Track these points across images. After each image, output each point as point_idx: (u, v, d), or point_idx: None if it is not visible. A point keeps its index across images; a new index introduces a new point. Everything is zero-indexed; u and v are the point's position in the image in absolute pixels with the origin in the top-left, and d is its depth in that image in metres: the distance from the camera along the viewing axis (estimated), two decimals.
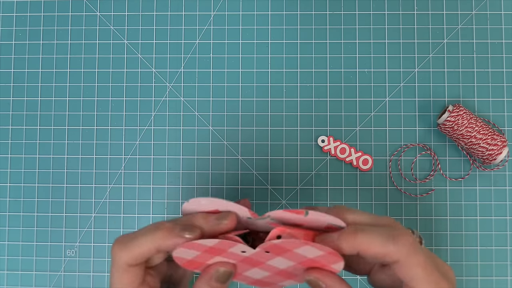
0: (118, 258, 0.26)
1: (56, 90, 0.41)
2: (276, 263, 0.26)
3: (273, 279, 0.28)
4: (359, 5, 0.41)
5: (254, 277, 0.28)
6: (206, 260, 0.26)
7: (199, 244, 0.24)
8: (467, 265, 0.39)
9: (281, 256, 0.25)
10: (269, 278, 0.28)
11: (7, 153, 0.41)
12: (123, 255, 0.26)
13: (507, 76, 0.40)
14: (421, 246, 0.26)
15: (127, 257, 0.25)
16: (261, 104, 0.41)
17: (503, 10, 0.41)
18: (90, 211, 0.40)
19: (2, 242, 0.40)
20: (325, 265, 0.25)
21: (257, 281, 0.28)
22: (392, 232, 0.25)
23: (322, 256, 0.25)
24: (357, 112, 0.40)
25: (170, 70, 0.41)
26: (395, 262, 0.24)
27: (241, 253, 0.25)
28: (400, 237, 0.24)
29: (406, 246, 0.24)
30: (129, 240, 0.26)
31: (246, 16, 0.41)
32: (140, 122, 0.41)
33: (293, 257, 0.25)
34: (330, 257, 0.25)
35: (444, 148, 0.40)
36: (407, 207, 0.40)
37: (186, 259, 0.26)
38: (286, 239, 0.24)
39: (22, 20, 0.42)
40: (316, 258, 0.25)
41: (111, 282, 0.27)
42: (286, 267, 0.26)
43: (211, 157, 0.40)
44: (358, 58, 0.41)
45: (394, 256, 0.24)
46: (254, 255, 0.25)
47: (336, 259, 0.25)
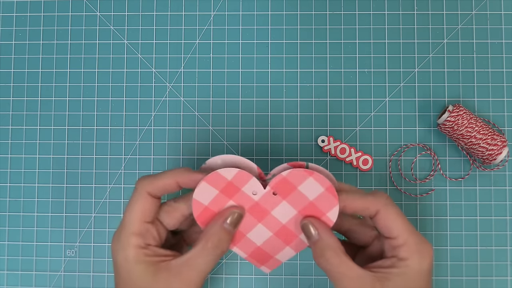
0: (141, 187, 0.28)
1: (56, 90, 0.41)
2: (280, 213, 0.29)
3: (271, 246, 0.31)
4: (359, 5, 0.41)
5: (255, 241, 0.30)
6: (221, 205, 0.29)
7: (220, 176, 0.28)
8: (467, 265, 0.39)
9: (286, 200, 0.29)
10: (268, 244, 0.30)
11: (7, 153, 0.41)
12: (146, 183, 0.28)
13: (507, 76, 0.40)
14: None
15: (150, 186, 0.28)
16: (261, 104, 0.41)
17: (503, 10, 0.41)
18: (90, 211, 0.40)
19: (2, 242, 0.40)
20: (322, 214, 0.29)
21: (256, 251, 0.31)
22: (370, 192, 0.29)
23: (322, 196, 0.28)
24: (357, 112, 0.40)
25: (170, 70, 0.41)
26: (376, 214, 0.28)
27: (252, 195, 0.29)
28: (377, 192, 0.28)
29: (384, 197, 0.28)
30: (152, 175, 0.29)
31: (246, 16, 0.41)
32: (140, 122, 0.41)
33: (296, 200, 0.29)
34: (327, 197, 0.28)
35: (444, 148, 0.40)
36: (407, 207, 0.40)
37: (203, 206, 0.29)
38: (293, 170, 0.28)
39: (22, 20, 0.42)
40: (315, 200, 0.28)
41: (125, 211, 0.29)
42: (287, 220, 0.29)
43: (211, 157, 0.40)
44: (358, 58, 0.41)
45: (373, 208, 0.27)
46: (262, 199, 0.29)
47: (332, 202, 0.28)
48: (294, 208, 0.29)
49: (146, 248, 0.28)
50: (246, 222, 0.30)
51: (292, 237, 0.30)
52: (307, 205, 0.29)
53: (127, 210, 0.28)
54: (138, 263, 0.27)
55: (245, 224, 0.30)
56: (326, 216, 0.29)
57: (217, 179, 0.28)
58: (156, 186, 0.28)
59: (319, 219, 0.29)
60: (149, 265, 0.27)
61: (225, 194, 0.29)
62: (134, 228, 0.28)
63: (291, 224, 0.29)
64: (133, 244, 0.27)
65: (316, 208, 0.29)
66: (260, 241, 0.30)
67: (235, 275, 0.39)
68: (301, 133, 0.40)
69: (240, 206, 0.29)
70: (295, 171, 0.28)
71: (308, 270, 0.39)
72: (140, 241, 0.28)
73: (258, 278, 0.39)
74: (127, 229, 0.28)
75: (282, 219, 0.29)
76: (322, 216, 0.29)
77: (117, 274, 0.28)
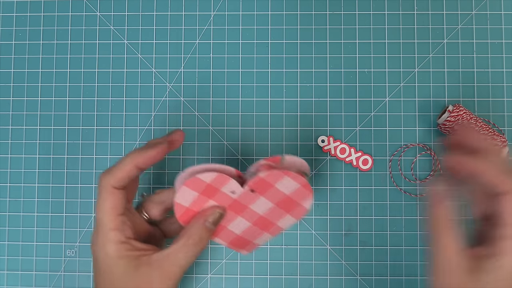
0: (105, 182, 0.29)
1: (56, 90, 0.41)
2: (258, 206, 0.31)
3: (250, 234, 0.33)
4: (359, 5, 0.41)
5: (234, 231, 0.32)
6: (202, 205, 0.31)
7: (199, 180, 0.29)
8: None
9: (264, 196, 0.31)
10: (247, 232, 0.33)
11: (7, 153, 0.41)
12: (108, 178, 0.29)
13: (507, 76, 0.40)
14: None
15: (113, 179, 0.29)
16: (261, 104, 0.41)
17: (503, 10, 0.41)
18: (90, 211, 0.40)
19: (2, 242, 0.40)
20: (297, 204, 0.31)
21: (235, 239, 0.33)
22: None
23: (297, 190, 0.30)
24: (357, 112, 0.40)
25: (170, 70, 0.41)
26: (505, 193, 0.26)
27: (231, 194, 0.30)
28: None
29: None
30: (111, 167, 0.29)
31: (246, 16, 0.41)
32: (140, 122, 0.41)
33: (273, 195, 0.30)
34: (303, 191, 0.30)
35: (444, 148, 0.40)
36: (407, 207, 0.40)
37: (184, 208, 0.30)
38: (270, 171, 0.29)
39: (22, 20, 0.42)
40: (291, 194, 0.31)
41: (97, 210, 0.29)
42: (265, 211, 0.32)
43: (211, 157, 0.40)
44: (358, 58, 0.41)
45: (503, 188, 0.26)
46: (241, 197, 0.30)
47: (306, 194, 0.31)
48: (271, 202, 0.31)
49: (127, 243, 0.29)
50: (226, 216, 0.32)
51: (269, 225, 0.33)
52: (283, 199, 0.31)
53: (99, 209, 0.29)
54: (120, 258, 0.28)
55: (225, 218, 0.32)
56: (301, 204, 0.31)
57: (197, 183, 0.30)
58: (118, 178, 0.29)
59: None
60: (131, 260, 0.28)
61: (206, 195, 0.30)
62: (111, 224, 0.28)
63: (269, 215, 0.32)
64: (113, 239, 0.28)
65: (292, 200, 0.31)
66: (239, 231, 0.33)
67: (235, 275, 0.39)
68: (301, 133, 0.40)
69: (220, 205, 0.31)
70: (272, 172, 0.29)
71: (308, 270, 0.39)
72: (120, 235, 0.28)
73: (258, 278, 0.39)
74: (104, 226, 0.28)
75: (260, 211, 0.32)
76: (297, 206, 0.32)
77: (98, 271, 0.29)
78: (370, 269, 0.39)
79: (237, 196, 0.30)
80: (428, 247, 0.28)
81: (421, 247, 0.39)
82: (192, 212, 0.31)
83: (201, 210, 0.31)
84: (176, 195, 0.30)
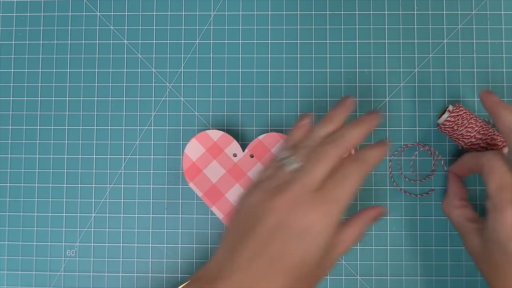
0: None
1: (56, 90, 0.41)
2: (254, 173, 0.34)
3: None
4: (359, 5, 0.41)
5: (231, 200, 0.36)
6: (206, 163, 0.36)
7: (208, 136, 0.36)
8: (467, 265, 0.39)
9: (261, 162, 0.35)
10: None
11: (7, 153, 0.41)
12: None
13: (507, 76, 0.40)
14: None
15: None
16: (261, 104, 0.41)
17: (503, 10, 0.41)
18: (90, 211, 0.40)
19: (2, 242, 0.40)
20: None
21: (232, 212, 0.34)
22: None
23: None
24: (357, 112, 0.40)
25: (170, 70, 0.41)
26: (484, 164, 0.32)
27: (232, 157, 0.35)
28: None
29: (492, 153, 0.32)
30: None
31: (246, 16, 0.41)
32: (140, 122, 0.41)
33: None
34: None
35: (444, 148, 0.40)
36: (407, 207, 0.40)
37: (191, 161, 0.36)
38: (268, 134, 0.35)
39: (22, 20, 0.42)
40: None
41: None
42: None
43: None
44: (358, 58, 0.41)
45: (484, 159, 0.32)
46: (241, 161, 0.35)
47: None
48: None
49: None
50: (225, 182, 0.35)
51: None
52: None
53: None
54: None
55: (225, 185, 0.35)
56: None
57: (205, 138, 0.36)
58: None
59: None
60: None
61: (210, 154, 0.35)
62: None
63: None
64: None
65: None
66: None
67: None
68: None
69: (221, 168, 0.35)
70: (269, 134, 0.35)
71: None
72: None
73: None
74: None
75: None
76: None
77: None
78: (370, 269, 0.39)
79: (238, 160, 0.34)
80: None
81: (421, 247, 0.39)
82: (196, 168, 0.35)
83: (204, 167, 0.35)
84: (187, 146, 0.36)
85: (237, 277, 0.25)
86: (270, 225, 0.26)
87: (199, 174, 0.36)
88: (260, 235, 0.26)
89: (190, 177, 0.36)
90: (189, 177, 0.36)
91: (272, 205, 0.26)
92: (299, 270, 0.26)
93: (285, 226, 0.26)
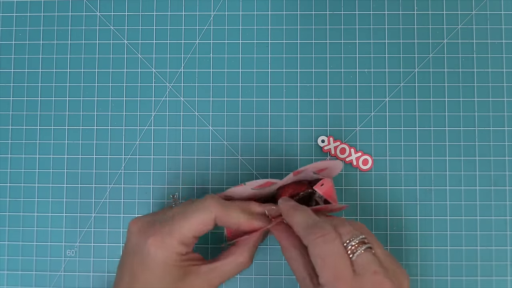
0: (213, 208, 0.30)
1: (56, 90, 0.41)
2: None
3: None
4: (359, 5, 0.41)
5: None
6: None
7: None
8: (467, 265, 0.39)
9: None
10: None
11: (7, 153, 0.41)
12: (218, 208, 0.31)
13: (507, 76, 0.40)
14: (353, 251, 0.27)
15: (219, 213, 0.30)
16: (261, 104, 0.41)
17: (503, 10, 0.41)
18: (90, 211, 0.40)
19: (2, 242, 0.40)
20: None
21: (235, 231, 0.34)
22: (317, 222, 0.28)
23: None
24: (357, 112, 0.40)
25: (170, 70, 0.41)
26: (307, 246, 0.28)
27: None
28: (316, 228, 0.28)
29: (315, 237, 0.27)
30: (225, 204, 0.31)
31: (246, 16, 0.41)
32: (140, 122, 0.41)
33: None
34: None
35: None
36: (407, 207, 0.40)
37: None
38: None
39: (22, 20, 0.42)
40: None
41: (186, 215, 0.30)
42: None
43: (211, 157, 0.40)
44: (358, 58, 0.41)
45: (305, 241, 0.28)
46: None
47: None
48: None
49: (185, 255, 0.30)
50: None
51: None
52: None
53: (186, 218, 0.30)
54: (174, 267, 0.29)
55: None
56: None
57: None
58: (223, 218, 0.30)
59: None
60: (182, 269, 0.30)
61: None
62: (185, 239, 0.30)
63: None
64: (177, 251, 0.29)
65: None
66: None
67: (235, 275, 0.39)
68: (301, 133, 0.40)
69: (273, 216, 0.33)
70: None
71: None
72: (183, 250, 0.30)
73: (258, 278, 0.39)
74: (178, 236, 0.29)
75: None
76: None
77: (143, 265, 0.29)
78: None
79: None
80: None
81: (421, 247, 0.39)
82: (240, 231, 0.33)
83: (253, 231, 0.32)
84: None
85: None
86: None
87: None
88: None
89: (231, 234, 0.34)
90: (231, 233, 0.34)
91: None
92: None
93: None
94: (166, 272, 0.29)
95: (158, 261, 0.29)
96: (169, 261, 0.29)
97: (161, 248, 0.29)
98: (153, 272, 0.29)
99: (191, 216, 0.30)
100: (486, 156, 0.40)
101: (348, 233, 0.28)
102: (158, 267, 0.29)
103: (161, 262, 0.29)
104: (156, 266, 0.29)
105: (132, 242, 0.30)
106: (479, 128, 0.40)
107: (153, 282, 0.29)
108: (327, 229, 0.28)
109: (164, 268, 0.29)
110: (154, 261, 0.29)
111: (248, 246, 0.32)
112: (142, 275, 0.29)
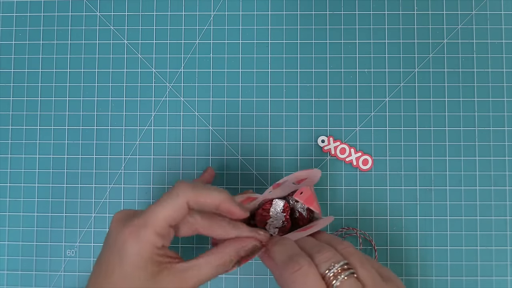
0: (183, 194, 0.29)
1: (56, 90, 0.41)
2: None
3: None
4: (359, 5, 0.41)
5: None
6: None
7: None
8: (467, 265, 0.39)
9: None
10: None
11: (7, 153, 0.41)
12: (189, 193, 0.29)
13: (507, 76, 0.40)
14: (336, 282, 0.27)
15: (192, 198, 0.29)
16: (261, 104, 0.41)
17: (503, 10, 0.41)
18: (90, 211, 0.40)
19: (2, 242, 0.40)
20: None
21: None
22: (293, 256, 0.28)
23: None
24: (357, 112, 0.40)
25: (170, 70, 0.41)
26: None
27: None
28: (291, 263, 0.27)
29: (292, 271, 0.27)
30: (197, 187, 0.29)
31: (246, 16, 0.41)
32: (140, 122, 0.41)
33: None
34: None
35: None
36: (407, 207, 0.40)
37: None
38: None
39: (22, 20, 0.42)
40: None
41: (157, 206, 0.29)
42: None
43: (211, 157, 0.40)
44: (358, 58, 0.41)
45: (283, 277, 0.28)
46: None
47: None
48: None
49: (162, 249, 0.29)
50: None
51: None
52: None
53: (158, 206, 0.29)
54: (149, 261, 0.28)
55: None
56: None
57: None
58: (197, 201, 0.29)
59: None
60: (157, 264, 0.28)
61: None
62: (159, 229, 0.28)
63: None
64: (152, 242, 0.28)
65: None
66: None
67: (235, 275, 0.39)
68: (301, 133, 0.40)
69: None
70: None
71: None
72: (159, 242, 0.28)
73: (258, 278, 0.39)
74: (152, 226, 0.28)
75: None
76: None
77: (119, 259, 0.28)
78: None
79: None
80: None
81: (421, 247, 0.39)
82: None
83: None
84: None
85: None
86: None
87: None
88: None
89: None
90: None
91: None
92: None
93: None
94: (140, 266, 0.28)
95: (133, 253, 0.28)
96: (143, 254, 0.28)
97: (136, 240, 0.28)
98: (128, 265, 0.28)
99: (162, 204, 0.29)
100: (486, 156, 0.40)
101: (327, 260, 0.27)
102: (133, 260, 0.28)
103: (136, 254, 0.28)
104: (131, 259, 0.28)
105: (111, 233, 0.30)
106: (479, 128, 0.40)
107: (127, 277, 0.28)
108: (301, 262, 0.27)
109: (139, 261, 0.28)
110: (130, 253, 0.28)
111: (231, 248, 0.30)
112: (118, 268, 0.29)
